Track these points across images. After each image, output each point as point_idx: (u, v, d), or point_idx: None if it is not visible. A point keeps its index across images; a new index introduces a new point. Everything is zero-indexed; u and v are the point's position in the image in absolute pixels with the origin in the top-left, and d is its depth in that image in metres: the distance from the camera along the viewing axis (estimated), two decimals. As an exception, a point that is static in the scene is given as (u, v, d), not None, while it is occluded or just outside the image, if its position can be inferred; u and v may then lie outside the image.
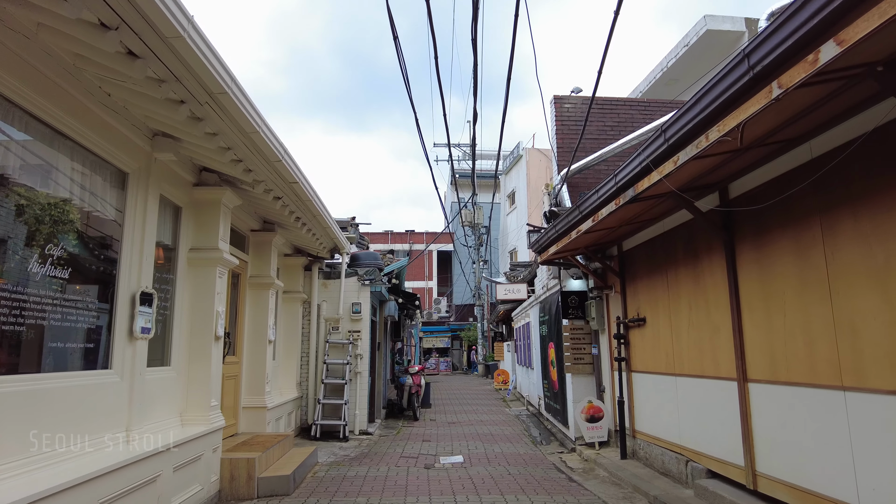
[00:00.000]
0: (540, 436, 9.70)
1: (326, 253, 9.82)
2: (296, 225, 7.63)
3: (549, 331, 9.85)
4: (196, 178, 5.77)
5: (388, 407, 12.81)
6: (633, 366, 7.15)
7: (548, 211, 8.63)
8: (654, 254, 6.54)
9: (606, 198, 5.27)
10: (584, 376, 8.43)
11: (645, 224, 6.54)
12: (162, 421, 4.96)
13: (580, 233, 6.10)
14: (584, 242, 7.07)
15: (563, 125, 9.44)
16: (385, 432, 10.16)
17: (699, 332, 5.52)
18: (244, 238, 7.68)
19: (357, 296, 10.11)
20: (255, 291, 7.71)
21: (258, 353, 7.59)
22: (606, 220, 5.57)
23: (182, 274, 5.53)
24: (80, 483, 3.50)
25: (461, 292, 36.97)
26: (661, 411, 6.39)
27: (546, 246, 7.57)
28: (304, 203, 6.96)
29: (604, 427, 7.82)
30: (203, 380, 5.49)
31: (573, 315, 8.43)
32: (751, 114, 3.06)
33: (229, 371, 7.00)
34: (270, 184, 6.06)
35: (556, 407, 9.59)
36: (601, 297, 8.14)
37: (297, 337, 9.55)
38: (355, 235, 12.18)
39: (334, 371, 9.74)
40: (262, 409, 7.47)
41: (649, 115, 9.41)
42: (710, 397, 5.29)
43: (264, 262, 7.80)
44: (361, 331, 9.97)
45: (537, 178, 27.17)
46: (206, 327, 5.58)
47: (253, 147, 5.06)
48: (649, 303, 6.68)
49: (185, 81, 3.79)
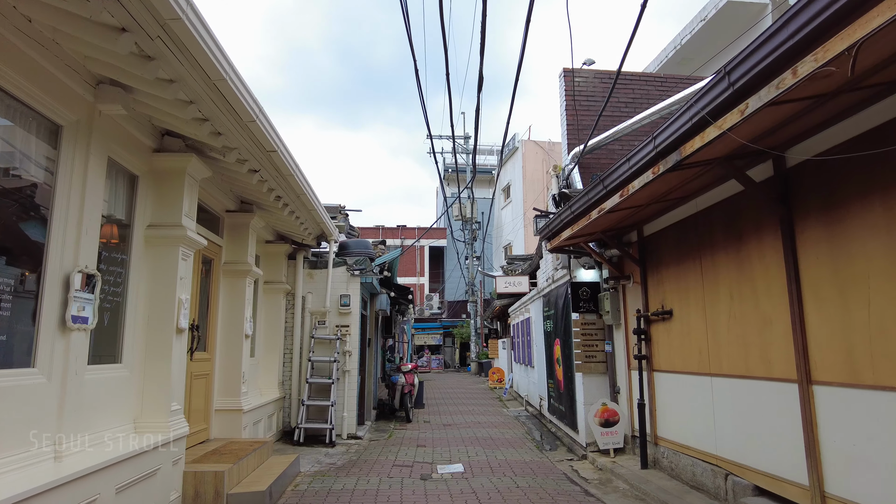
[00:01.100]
0: (544, 440, 8.92)
1: (312, 240, 8.98)
2: (276, 205, 6.78)
3: (556, 326, 9.07)
4: (157, 143, 4.91)
5: (379, 407, 11.99)
6: (656, 364, 6.37)
7: (557, 193, 7.84)
8: (683, 237, 5.76)
9: (641, 166, 4.47)
10: (596, 376, 7.65)
11: (674, 204, 5.76)
12: (108, 430, 4.11)
13: (602, 212, 5.31)
14: (604, 225, 6.28)
15: (573, 101, 8.65)
16: (376, 436, 9.34)
17: (743, 326, 4.75)
18: (218, 219, 6.82)
19: (346, 287, 9.26)
20: (231, 280, 6.86)
21: (233, 348, 6.74)
22: (637, 195, 4.78)
23: (138, 255, 4.68)
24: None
25: (453, 288, 36.19)
26: (690, 416, 5.62)
27: (557, 231, 6.78)
28: (285, 179, 6.11)
29: (619, 432, 7.05)
30: (162, 379, 4.64)
31: (584, 308, 7.65)
32: (876, 27, 2.27)
33: (199, 369, 6.15)
34: (245, 152, 5.22)
35: (562, 409, 8.82)
36: (617, 288, 7.36)
37: (279, 332, 8.70)
38: (344, 224, 11.33)
39: (320, 369, 8.89)
40: (238, 411, 6.62)
41: (666, 92, 8.64)
42: (759, 401, 4.52)
43: (241, 247, 6.95)
44: (350, 325, 9.13)
45: (534, 170, 26.42)
46: (166, 318, 4.73)
47: (221, 102, 4.22)
48: (677, 293, 5.90)
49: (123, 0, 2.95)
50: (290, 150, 5.74)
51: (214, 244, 6.59)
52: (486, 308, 27.94)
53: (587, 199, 5.70)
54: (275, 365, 8.56)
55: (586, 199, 5.71)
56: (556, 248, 7.20)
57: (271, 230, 8.56)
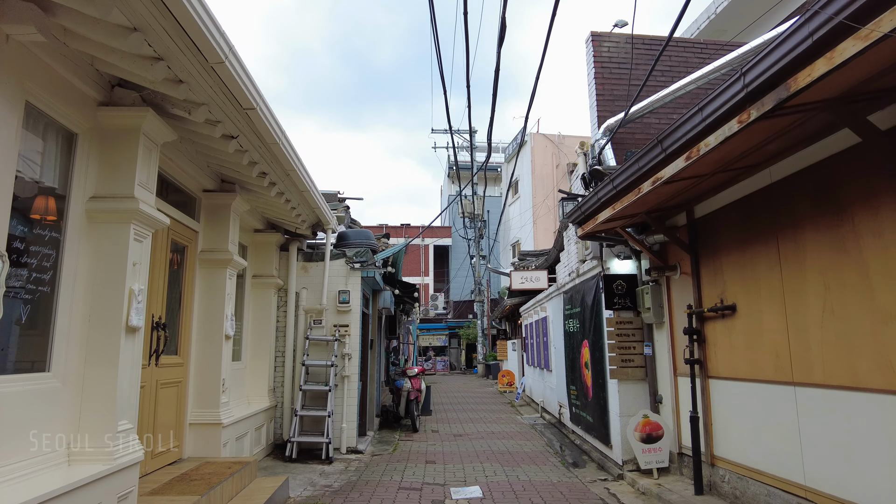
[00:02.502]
0: (570, 455, 7.89)
1: (307, 229, 7.98)
2: (261, 184, 5.79)
3: (582, 326, 8.05)
4: (104, 95, 3.92)
5: (383, 415, 10.98)
6: (713, 370, 5.35)
7: (587, 172, 6.82)
8: (751, 216, 4.74)
9: (722, 115, 3.46)
10: (633, 383, 6.62)
11: (737, 176, 4.75)
12: (25, 461, 3.11)
13: (658, 183, 4.29)
14: (652, 202, 5.26)
15: (602, 68, 7.64)
16: (379, 449, 8.33)
17: (847, 324, 3.72)
18: (194, 201, 5.83)
19: (345, 282, 8.26)
20: (209, 271, 5.86)
21: (211, 352, 5.74)
22: (707, 158, 3.76)
23: (77, 234, 3.69)
24: None
25: (459, 288, 35.18)
26: (763, 434, 4.59)
27: (592, 213, 5.76)
28: (270, 149, 5.12)
29: (664, 449, 6.02)
30: (106, 392, 3.64)
31: (620, 305, 6.62)
32: None
33: (168, 376, 5.16)
34: (217, 110, 4.23)
35: (590, 419, 7.79)
36: (658, 281, 6.34)
37: (269, 332, 7.71)
38: (344, 216, 10.34)
39: (316, 375, 7.89)
40: (216, 425, 5.62)
41: (706, 59, 7.62)
42: (874, 420, 3.49)
43: (221, 233, 5.95)
44: (350, 325, 8.12)
45: (543, 164, 25.37)
46: (112, 314, 3.73)
47: (176, 32, 3.23)
48: (742, 284, 4.88)
49: None
50: (274, 112, 4.75)
51: (188, 228, 5.60)
52: (493, 308, 26.92)
53: (637, 169, 4.68)
54: (264, 370, 7.57)
55: (635, 168, 4.69)
56: (588, 235, 6.18)
57: (260, 217, 7.57)
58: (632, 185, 4.80)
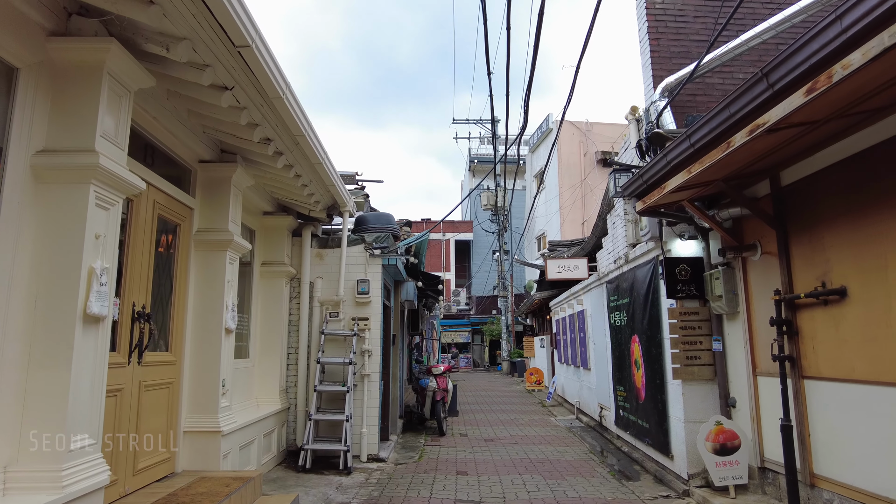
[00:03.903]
0: (618, 464, 6.96)
1: (321, 212, 7.15)
2: (265, 152, 4.96)
3: (632, 319, 7.10)
4: (55, 24, 3.11)
5: (406, 416, 10.13)
6: (811, 369, 4.38)
7: (643, 139, 5.87)
8: (874, 175, 3.76)
9: (880, 17, 2.51)
10: (699, 383, 5.67)
11: (844, 131, 3.78)
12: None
13: (758, 132, 3.34)
14: (734, 165, 4.29)
15: (657, 21, 6.67)
16: (403, 456, 7.48)
17: None
18: (188, 173, 5.03)
19: (364, 271, 7.41)
20: (205, 254, 5.05)
21: (208, 348, 4.93)
22: (837, 90, 2.82)
23: (18, 196, 2.88)
24: None
25: (481, 284, 34.25)
26: (889, 450, 3.62)
27: (659, 180, 4.82)
28: (272, 106, 4.28)
29: (742, 462, 5.06)
30: (55, 399, 2.83)
31: (684, 293, 5.67)
32: None
33: (154, 376, 4.35)
34: (203, 48, 3.40)
35: (643, 424, 6.84)
36: (732, 263, 5.37)
37: (280, 326, 6.90)
38: (363, 202, 9.49)
39: (332, 374, 7.07)
40: (214, 433, 4.81)
41: (774, 9, 6.59)
42: None
43: (219, 211, 5.14)
44: (370, 318, 7.28)
45: (570, 153, 24.31)
46: (64, 298, 2.92)
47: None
48: (857, 263, 3.90)
49: None
50: (276, 57, 3.90)
51: (181, 204, 4.79)
52: (518, 303, 25.97)
53: (725, 118, 3.74)
54: (275, 368, 6.76)
55: (724, 116, 3.75)
56: (648, 210, 5.23)
57: (268, 197, 6.76)
58: (717, 139, 3.86)
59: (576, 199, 23.59)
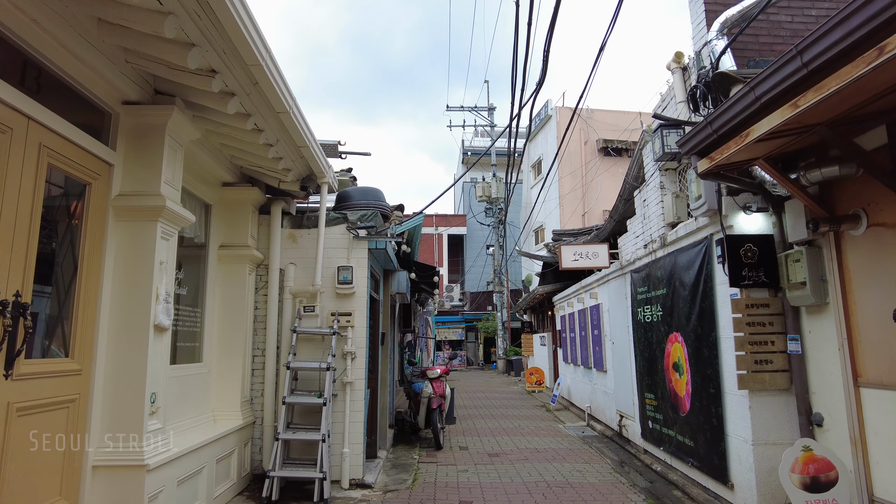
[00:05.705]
0: (651, 486, 5.76)
1: (294, 183, 5.88)
2: (209, 88, 3.68)
3: (670, 314, 5.89)
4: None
5: (397, 424, 8.89)
6: (958, 382, 3.18)
7: (702, 83, 4.66)
8: None
9: None
10: (770, 394, 4.46)
11: None
12: None
13: None
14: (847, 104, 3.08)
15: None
16: (393, 479, 6.23)
17: None
18: (105, 117, 3.74)
19: (346, 257, 6.15)
20: (128, 225, 3.77)
21: (131, 351, 3.66)
22: None
23: None
24: None
25: (475, 279, 33.02)
26: None
27: (734, 127, 3.59)
28: (213, 11, 3.00)
29: (842, 501, 3.86)
30: None
31: (751, 280, 4.46)
32: None
33: (41, 393, 3.08)
34: None
35: (685, 441, 5.64)
36: (818, 242, 4.17)
37: (243, 323, 5.63)
38: (348, 180, 8.23)
39: (307, 381, 5.81)
40: (136, 468, 3.54)
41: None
42: None
43: (149, 169, 3.85)
44: (354, 314, 6.01)
45: (569, 141, 23.10)
46: None
47: None
48: None
49: None
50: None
51: (93, 157, 3.51)
52: (514, 299, 24.75)
53: (859, 23, 2.52)
54: (237, 374, 5.50)
55: (857, 21, 2.52)
56: (712, 171, 3.98)
57: (228, 163, 5.48)
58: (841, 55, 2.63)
59: (576, 188, 22.45)
